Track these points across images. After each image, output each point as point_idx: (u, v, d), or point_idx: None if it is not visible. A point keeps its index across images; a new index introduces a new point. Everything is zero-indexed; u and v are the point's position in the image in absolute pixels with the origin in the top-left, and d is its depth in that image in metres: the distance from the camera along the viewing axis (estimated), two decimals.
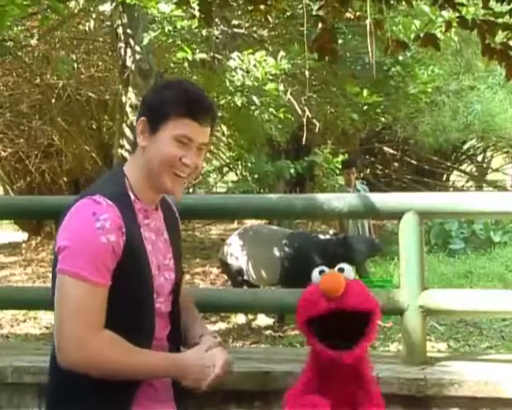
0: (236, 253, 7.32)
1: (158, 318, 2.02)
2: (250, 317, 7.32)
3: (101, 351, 1.87)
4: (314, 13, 4.10)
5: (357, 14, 4.25)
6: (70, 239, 1.88)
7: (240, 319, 7.25)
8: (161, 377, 2.00)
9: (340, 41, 4.44)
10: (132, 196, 1.99)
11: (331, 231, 8.09)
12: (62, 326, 1.86)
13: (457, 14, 3.96)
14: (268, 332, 6.95)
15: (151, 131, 1.97)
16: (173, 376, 1.99)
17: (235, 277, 7.33)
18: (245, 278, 7.25)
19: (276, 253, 7.08)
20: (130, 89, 7.34)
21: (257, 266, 7.14)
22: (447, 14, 5.51)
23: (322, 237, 7.35)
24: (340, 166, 10.33)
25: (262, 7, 3.96)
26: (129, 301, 1.93)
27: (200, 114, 1.97)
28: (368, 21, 3.54)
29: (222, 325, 7.16)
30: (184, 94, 1.98)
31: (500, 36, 4.03)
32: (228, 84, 6.91)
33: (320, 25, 3.85)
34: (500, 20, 3.90)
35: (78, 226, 1.89)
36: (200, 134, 1.98)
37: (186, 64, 6.86)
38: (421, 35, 4.13)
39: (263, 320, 7.26)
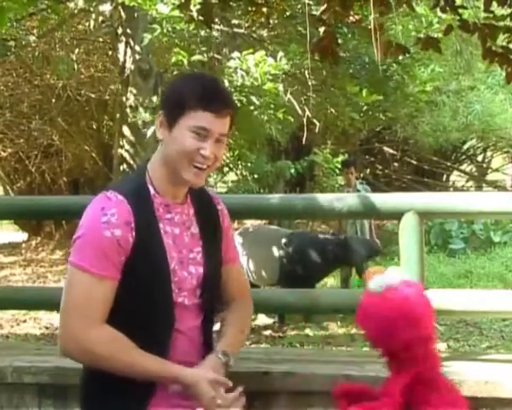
0: (239, 250, 7.32)
1: (181, 311, 2.01)
2: None
3: (96, 345, 1.90)
4: (317, 16, 4.11)
5: (358, 16, 4.26)
6: (79, 232, 1.94)
7: None
8: (166, 383, 2.00)
9: (339, 41, 4.44)
10: (152, 191, 2.00)
11: (331, 232, 8.10)
12: (62, 315, 1.92)
13: (458, 17, 3.96)
14: (268, 332, 6.95)
15: (169, 125, 1.99)
16: (181, 385, 1.98)
17: None
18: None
19: (276, 253, 7.08)
20: (129, 89, 7.35)
21: (257, 265, 7.15)
22: (445, 16, 5.51)
23: (321, 237, 7.36)
24: (340, 166, 10.33)
25: (264, 9, 3.97)
26: (141, 295, 1.94)
27: (216, 104, 1.97)
28: (371, 18, 3.53)
29: None
30: (200, 86, 1.99)
31: (501, 39, 4.03)
32: (227, 84, 6.90)
33: (322, 28, 3.86)
34: (501, 24, 3.90)
35: (87, 220, 1.94)
36: (217, 125, 1.98)
37: (185, 64, 6.85)
38: (422, 37, 4.13)
39: (263, 320, 7.26)
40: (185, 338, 2.03)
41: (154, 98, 7.21)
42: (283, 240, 7.13)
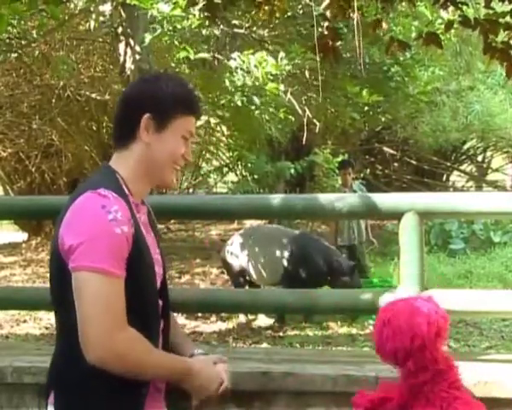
0: (239, 252, 7.33)
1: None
2: (250, 317, 7.32)
3: (129, 348, 1.87)
4: (320, 11, 4.11)
5: (359, 14, 4.26)
6: (83, 235, 1.86)
7: (240, 319, 7.25)
8: (173, 380, 2.01)
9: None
10: (126, 190, 1.99)
11: (342, 244, 8.04)
12: (91, 323, 1.84)
13: (459, 14, 3.96)
14: (268, 332, 6.95)
15: (157, 128, 1.99)
16: (182, 380, 2.01)
17: (237, 277, 7.34)
18: (247, 278, 7.26)
19: (281, 253, 7.09)
20: None
21: (259, 265, 7.15)
22: (447, 15, 5.52)
23: (330, 247, 7.35)
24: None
25: (266, 8, 3.97)
26: (136, 295, 1.93)
27: (199, 109, 2.09)
28: (355, 16, 3.55)
29: (222, 325, 7.17)
30: (188, 91, 2.05)
31: (501, 35, 4.04)
32: (228, 84, 6.90)
33: (324, 24, 3.86)
34: (502, 20, 3.91)
35: (90, 221, 1.87)
36: (194, 129, 2.09)
37: (186, 64, 6.85)
38: (423, 34, 4.13)
39: (263, 320, 7.26)
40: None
41: None
42: (290, 241, 7.14)
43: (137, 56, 7.29)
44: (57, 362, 2.00)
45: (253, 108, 7.15)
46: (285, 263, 7.05)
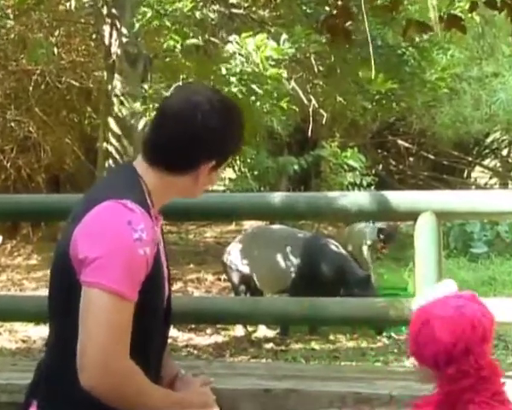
0: (243, 256, 7.35)
1: None
2: (249, 329, 7.33)
3: (126, 380, 1.90)
4: None
5: None
6: (103, 249, 1.87)
7: (238, 330, 7.26)
8: None
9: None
10: (149, 201, 2.02)
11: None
12: (93, 346, 1.86)
13: None
14: (269, 346, 6.97)
15: (211, 170, 2.07)
16: None
17: (240, 283, 7.36)
18: (251, 284, 7.28)
19: (289, 258, 7.11)
20: (115, 76, 7.35)
21: (265, 271, 7.18)
22: None
23: (345, 255, 7.36)
24: (349, 162, 10.35)
25: None
26: (144, 319, 1.95)
27: None
28: None
29: (218, 338, 7.18)
30: (243, 130, 2.14)
31: None
32: (224, 71, 6.91)
33: (337, 2, 3.85)
34: None
35: (112, 236, 1.88)
36: None
37: (178, 49, 6.86)
38: (444, 16, 4.13)
39: (263, 332, 7.27)
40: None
41: (144, 86, 7.21)
42: (300, 245, 7.16)
43: (124, 40, 7.30)
44: (47, 374, 2.02)
45: (253, 97, 7.15)
46: (294, 270, 7.07)
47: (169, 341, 2.27)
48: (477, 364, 2.12)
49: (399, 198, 3.36)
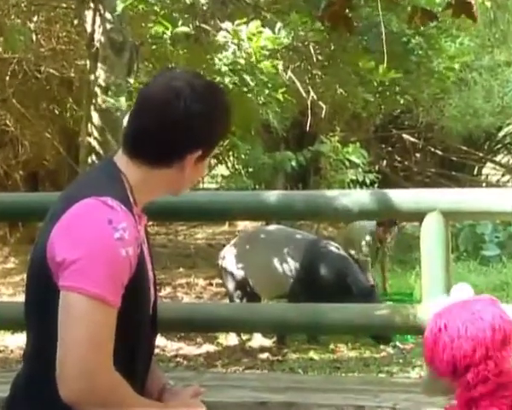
0: (240, 258, 7.36)
1: None
2: (244, 337, 7.34)
3: (111, 394, 1.89)
4: None
5: None
6: (82, 250, 1.86)
7: (231, 339, 7.27)
8: None
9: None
10: (131, 199, 2.01)
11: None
12: (74, 357, 1.85)
13: None
14: (265, 355, 6.98)
15: (198, 160, 2.04)
16: None
17: (236, 288, 7.37)
18: (247, 289, 7.29)
19: (289, 262, 7.13)
20: (99, 65, 7.34)
21: (263, 274, 7.20)
22: None
23: (349, 261, 7.37)
24: (350, 158, 10.34)
25: None
26: (128, 326, 1.95)
27: None
28: None
29: (209, 347, 7.19)
30: (231, 116, 2.14)
31: None
32: (216, 61, 6.91)
33: None
34: None
35: (92, 236, 1.87)
36: None
37: (167, 36, 6.86)
38: (452, 2, 4.13)
39: (259, 341, 7.28)
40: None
41: (129, 79, 7.21)
42: (301, 248, 7.17)
43: (108, 26, 7.29)
44: (25, 387, 2.01)
45: (246, 89, 7.15)
46: (293, 274, 7.09)
47: (156, 350, 2.28)
48: (497, 369, 2.16)
49: (404, 197, 3.37)
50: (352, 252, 8.37)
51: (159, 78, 2.13)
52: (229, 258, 7.49)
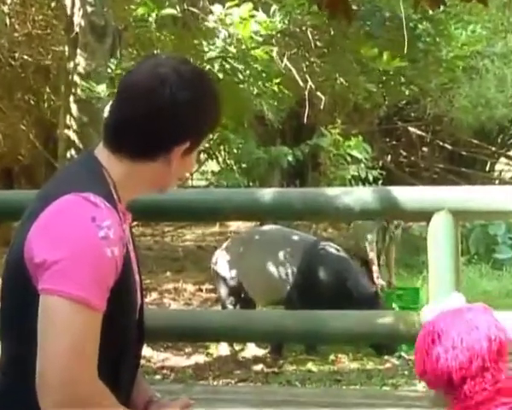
0: (232, 262, 7.36)
1: None
2: (236, 347, 7.35)
3: (94, 404, 1.88)
4: None
5: None
6: (63, 251, 1.85)
7: (223, 349, 7.28)
8: None
9: None
10: (115, 196, 2.01)
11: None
12: (56, 364, 1.84)
13: None
14: (259, 367, 6.98)
15: (185, 152, 2.03)
16: None
17: (230, 294, 7.37)
18: (241, 295, 7.30)
19: (287, 266, 7.14)
20: (79, 51, 7.34)
21: (258, 278, 7.20)
22: None
23: (351, 264, 7.39)
24: (352, 152, 10.35)
25: None
26: (113, 333, 1.95)
27: None
28: None
29: (199, 358, 7.19)
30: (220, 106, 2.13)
31: None
32: (206, 47, 6.91)
33: None
34: None
35: (75, 235, 1.86)
36: None
37: (152, 20, 6.86)
38: None
39: (253, 351, 7.29)
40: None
41: (110, 64, 7.20)
42: (300, 251, 7.18)
43: (89, 9, 7.29)
44: (2, 402, 2.01)
45: (239, 78, 7.15)
46: (290, 278, 7.09)
47: (141, 361, 2.28)
48: (493, 380, 2.19)
49: (410, 195, 3.38)
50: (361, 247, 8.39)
51: (142, 64, 2.12)
52: (221, 262, 7.49)
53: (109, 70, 7.11)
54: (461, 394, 2.23)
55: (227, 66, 6.95)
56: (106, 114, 2.22)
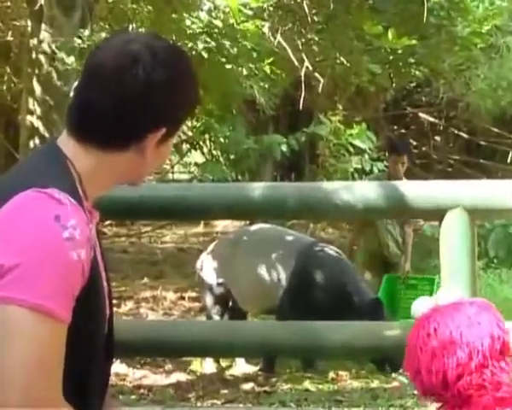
0: (221, 266, 7.37)
1: None
2: (223, 363, 7.36)
3: None
4: None
5: None
6: (23, 254, 1.84)
7: (208, 366, 7.29)
8: None
9: None
10: (81, 192, 2.00)
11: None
12: (15, 385, 1.84)
13: None
14: (249, 386, 6.99)
15: (160, 140, 2.03)
16: None
17: (216, 302, 7.39)
18: (229, 304, 7.32)
19: (279, 270, 7.15)
20: (43, 26, 7.33)
21: (248, 285, 7.21)
22: None
23: (351, 270, 7.42)
24: (354, 142, 10.38)
25: None
26: (84, 346, 1.96)
27: None
28: None
29: (181, 376, 7.20)
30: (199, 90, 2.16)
31: None
32: (188, 22, 6.92)
33: None
34: None
35: (36, 236, 1.85)
36: None
37: None
38: None
39: (242, 368, 7.31)
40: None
41: (80, 35, 7.18)
42: (295, 254, 7.20)
43: None
44: None
45: (225, 58, 7.16)
46: (283, 285, 7.11)
47: (114, 380, 2.29)
48: (493, 379, 2.19)
49: (421, 190, 3.38)
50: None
51: (111, 40, 2.10)
52: (206, 266, 7.50)
53: (79, 42, 7.08)
54: (454, 394, 2.23)
55: (212, 43, 6.95)
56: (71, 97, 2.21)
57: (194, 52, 7.34)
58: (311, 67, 8.71)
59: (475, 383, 2.21)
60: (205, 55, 6.90)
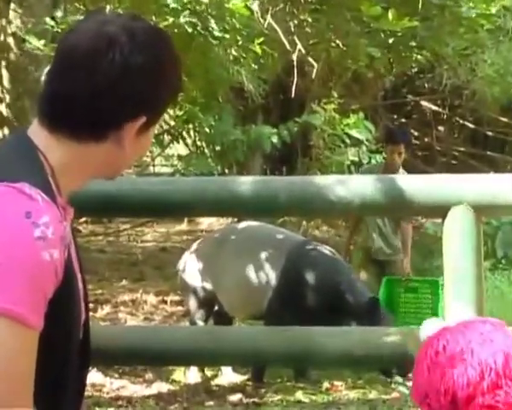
0: (205, 267, 7.38)
1: None
2: (208, 373, 7.36)
3: None
4: None
5: None
6: None
7: (192, 375, 7.30)
8: None
9: None
10: (54, 187, 2.00)
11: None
12: None
13: None
14: (237, 397, 7.00)
15: (140, 130, 2.02)
16: None
17: (199, 306, 7.39)
18: (214, 308, 7.32)
19: (268, 271, 7.16)
20: (12, 6, 7.33)
21: (235, 288, 7.21)
22: None
23: (346, 270, 7.44)
24: (351, 132, 10.38)
25: None
26: (58, 354, 1.96)
27: None
28: None
29: (162, 386, 7.20)
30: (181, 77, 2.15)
31: None
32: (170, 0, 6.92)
33: None
34: None
35: (5, 235, 1.85)
36: None
37: None
38: None
39: (229, 378, 7.31)
40: None
41: (53, 16, 7.17)
42: (285, 253, 7.20)
43: None
44: None
45: (212, 39, 7.15)
46: (272, 287, 7.11)
47: (90, 390, 2.29)
48: (508, 399, 2.19)
49: (422, 185, 3.39)
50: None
51: (85, 22, 2.09)
52: (190, 267, 7.50)
53: (52, 24, 7.06)
54: None
55: (196, 22, 6.94)
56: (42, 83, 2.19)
57: (176, 30, 7.31)
58: (304, 51, 8.71)
59: (487, 405, 2.20)
60: (189, 29, 6.87)
